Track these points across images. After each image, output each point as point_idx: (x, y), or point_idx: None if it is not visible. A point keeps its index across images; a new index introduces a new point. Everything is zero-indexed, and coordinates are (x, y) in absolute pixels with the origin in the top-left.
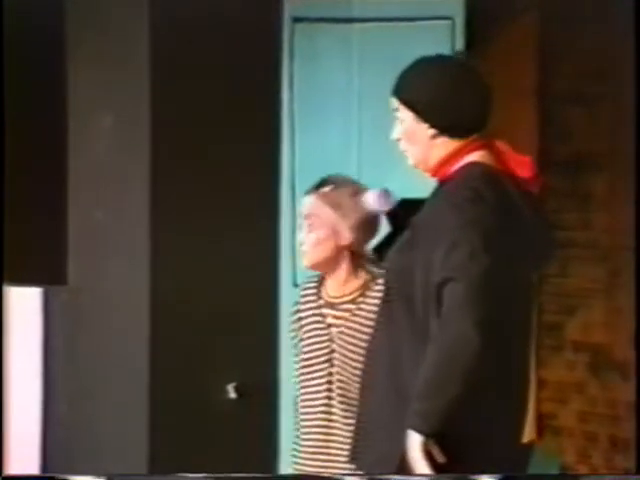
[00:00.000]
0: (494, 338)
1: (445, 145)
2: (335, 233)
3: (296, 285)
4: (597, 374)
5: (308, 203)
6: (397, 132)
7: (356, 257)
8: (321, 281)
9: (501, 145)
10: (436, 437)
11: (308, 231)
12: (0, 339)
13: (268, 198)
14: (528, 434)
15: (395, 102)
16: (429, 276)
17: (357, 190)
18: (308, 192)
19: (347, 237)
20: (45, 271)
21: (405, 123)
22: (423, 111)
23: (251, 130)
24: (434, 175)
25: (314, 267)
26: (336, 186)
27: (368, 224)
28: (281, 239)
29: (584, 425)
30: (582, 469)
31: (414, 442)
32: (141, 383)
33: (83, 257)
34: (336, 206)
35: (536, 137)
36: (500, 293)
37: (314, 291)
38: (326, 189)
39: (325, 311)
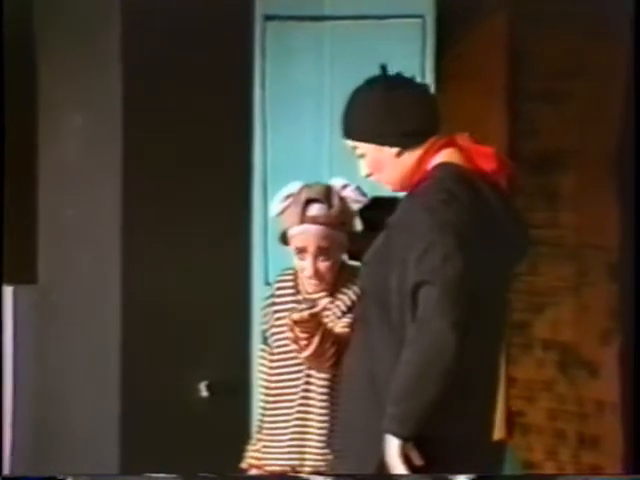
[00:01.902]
0: (470, 340)
1: (410, 156)
2: (343, 247)
3: (268, 283)
4: (566, 372)
5: (314, 233)
6: (364, 168)
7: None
8: (297, 275)
9: (462, 140)
10: (413, 440)
11: (322, 260)
12: None
13: (240, 196)
14: (498, 432)
15: (350, 142)
16: (404, 279)
17: (334, 191)
18: (303, 220)
19: (347, 245)
20: (15, 270)
21: (368, 155)
22: (378, 138)
23: (223, 128)
24: (412, 188)
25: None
26: (321, 200)
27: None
28: (253, 238)
29: (553, 423)
30: (550, 466)
31: (392, 447)
32: (113, 382)
33: (53, 256)
34: (341, 224)
35: (505, 135)
36: (475, 294)
37: (291, 284)
38: (318, 209)
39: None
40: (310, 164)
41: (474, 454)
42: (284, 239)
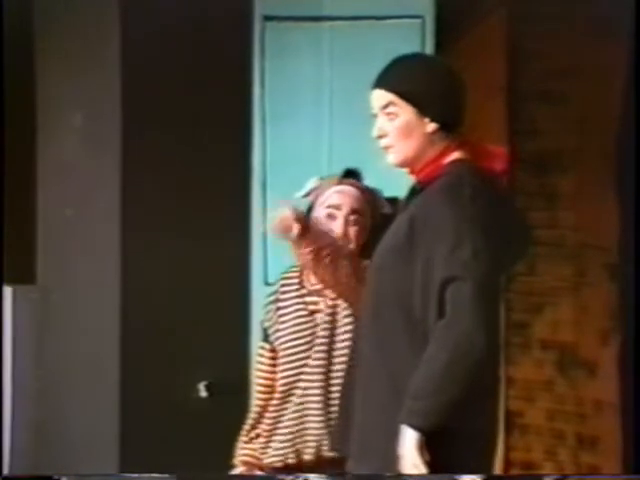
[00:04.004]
0: (496, 339)
1: (439, 142)
2: (366, 229)
3: (267, 283)
4: (564, 372)
5: (351, 193)
6: (382, 128)
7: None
8: (303, 271)
9: (474, 141)
10: (427, 435)
11: (352, 223)
12: None
13: (239, 195)
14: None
15: (386, 96)
16: (430, 274)
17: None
18: (340, 183)
19: (365, 237)
20: (14, 270)
21: (401, 118)
22: (426, 104)
23: (222, 128)
24: (417, 174)
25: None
26: (358, 176)
27: None
28: (252, 237)
29: (551, 423)
30: (549, 466)
31: (410, 439)
32: (112, 382)
33: (52, 256)
34: (373, 203)
35: (504, 135)
36: (498, 292)
37: (296, 281)
38: (355, 180)
39: (309, 299)
40: (309, 164)
41: (482, 451)
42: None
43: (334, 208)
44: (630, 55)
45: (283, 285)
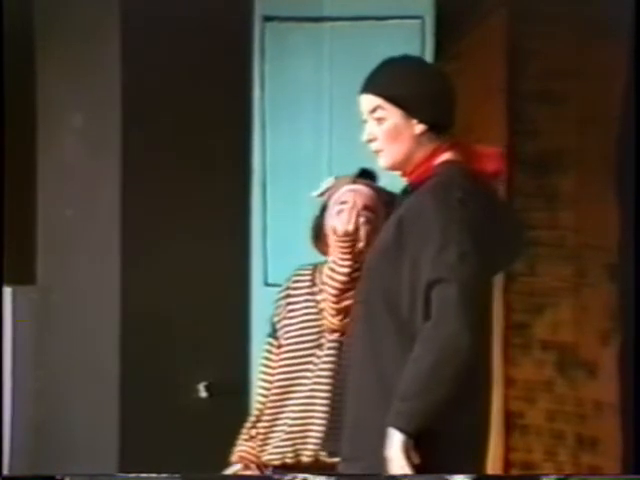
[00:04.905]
0: (482, 340)
1: (429, 143)
2: (376, 230)
3: (267, 283)
4: (564, 373)
5: (365, 192)
6: (372, 132)
7: None
8: (316, 268)
9: (466, 142)
10: (414, 437)
11: (364, 222)
12: None
13: (239, 196)
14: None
15: (373, 100)
16: (417, 276)
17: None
18: (355, 182)
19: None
20: (14, 271)
21: (389, 121)
22: (413, 106)
23: (222, 129)
24: (408, 176)
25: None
26: (375, 177)
27: None
28: (252, 238)
29: (552, 423)
30: (548, 467)
31: (396, 442)
32: (112, 383)
33: (52, 257)
34: (388, 202)
35: (504, 135)
36: (485, 294)
37: (309, 277)
38: (371, 181)
39: (319, 297)
40: (309, 165)
41: (472, 452)
42: (320, 217)
43: (344, 205)
44: (630, 55)
45: (295, 281)
